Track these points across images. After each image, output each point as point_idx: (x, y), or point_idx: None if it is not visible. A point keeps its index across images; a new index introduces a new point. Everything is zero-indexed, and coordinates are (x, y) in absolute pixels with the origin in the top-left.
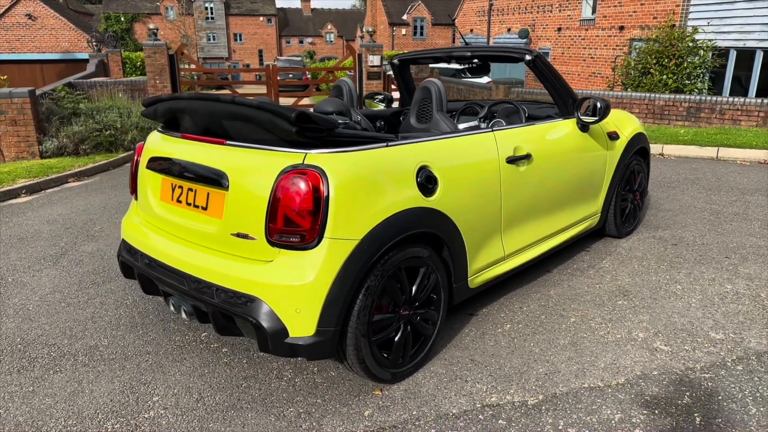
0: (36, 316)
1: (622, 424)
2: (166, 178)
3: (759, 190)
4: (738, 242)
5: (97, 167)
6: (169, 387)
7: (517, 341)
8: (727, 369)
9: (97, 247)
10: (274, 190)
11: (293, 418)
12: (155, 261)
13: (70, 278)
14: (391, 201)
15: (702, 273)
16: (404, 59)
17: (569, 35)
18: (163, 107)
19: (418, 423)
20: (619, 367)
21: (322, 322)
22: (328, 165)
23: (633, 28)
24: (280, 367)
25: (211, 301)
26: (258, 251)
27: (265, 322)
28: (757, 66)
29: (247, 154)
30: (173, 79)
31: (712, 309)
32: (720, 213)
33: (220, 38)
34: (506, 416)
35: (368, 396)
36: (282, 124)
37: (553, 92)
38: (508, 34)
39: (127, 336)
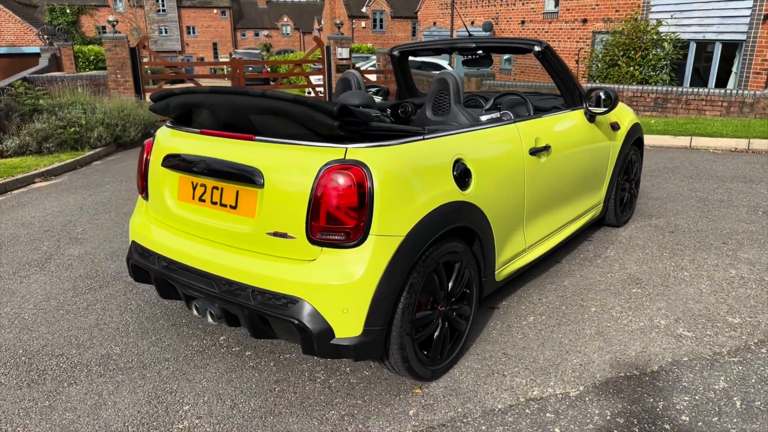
0: (34, 325)
1: (667, 411)
2: (186, 177)
3: (737, 177)
4: (731, 228)
5: (64, 166)
6: (197, 395)
7: (545, 333)
8: (753, 352)
9: (84, 250)
10: (315, 187)
11: (337, 421)
12: (176, 263)
13: (63, 284)
14: (432, 195)
15: (705, 259)
16: (404, 51)
17: (533, 28)
18: (176, 102)
19: (466, 420)
20: (649, 354)
21: (369, 321)
22: (371, 159)
23: (596, 21)
24: (310, 369)
25: (247, 303)
26: (297, 250)
27: (310, 324)
28: (716, 57)
29: (282, 149)
30: (135, 74)
31: (723, 294)
32: (706, 200)
33: (173, 31)
34: (552, 409)
35: (409, 395)
36: (322, 119)
37: (560, 83)
38: (471, 27)
39: (140, 343)
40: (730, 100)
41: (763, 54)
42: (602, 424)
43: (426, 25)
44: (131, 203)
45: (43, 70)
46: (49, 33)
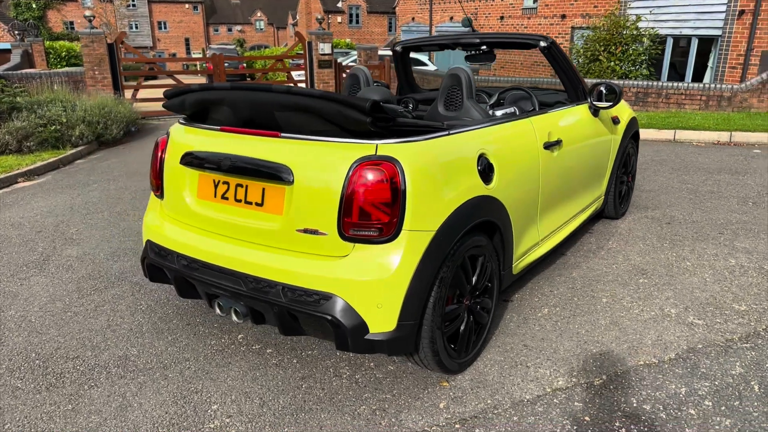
0: (43, 328)
1: (690, 397)
2: (206, 174)
3: (723, 169)
4: (724, 219)
5: (47, 165)
6: (224, 394)
7: (561, 324)
8: (763, 338)
9: (83, 250)
10: (347, 183)
11: (369, 416)
12: (198, 262)
13: (66, 285)
14: (460, 190)
15: (704, 249)
16: (407, 47)
17: (512, 23)
18: (193, 99)
19: (497, 411)
20: (665, 342)
21: (403, 316)
22: (402, 155)
23: (574, 17)
24: (334, 365)
25: (277, 300)
26: (329, 247)
27: (344, 319)
28: (693, 52)
29: (311, 146)
30: (113, 70)
31: (726, 283)
32: (697, 192)
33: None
34: (579, 398)
35: (437, 388)
36: (353, 115)
37: (565, 78)
38: (450, 22)
39: (157, 343)
40: (708, 94)
41: (738, 49)
42: (630, 411)
43: (404, 20)
44: (123, 203)
45: (15, 67)
46: (20, 29)
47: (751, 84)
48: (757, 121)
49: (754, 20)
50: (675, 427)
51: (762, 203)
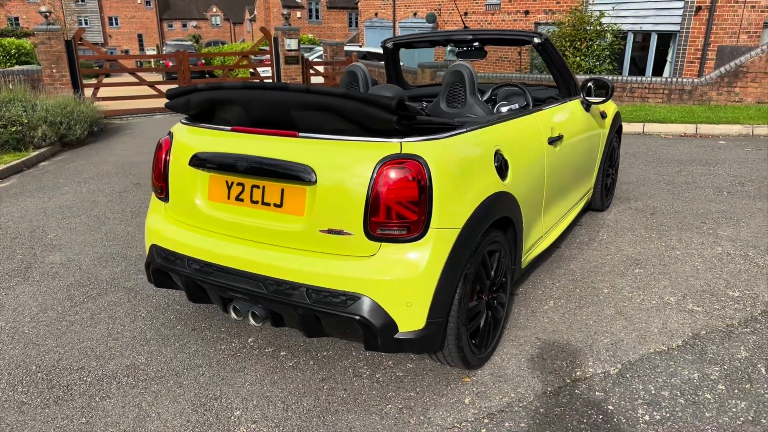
0: (39, 338)
1: (704, 382)
2: (219, 176)
3: (694, 160)
4: (704, 208)
5: (9, 168)
6: (245, 399)
7: (569, 316)
8: (761, 322)
9: (66, 256)
10: (374, 182)
11: (397, 415)
12: (213, 265)
13: (55, 294)
14: (481, 187)
15: (690, 238)
16: (398, 43)
17: (476, 19)
18: (200, 98)
19: (522, 404)
20: (670, 330)
21: (432, 314)
22: (426, 153)
23: (538, 13)
24: (352, 365)
25: (302, 302)
26: (354, 247)
27: (373, 319)
28: (653, 47)
29: (333, 145)
30: (72, 68)
31: (717, 270)
32: (673, 183)
33: (94, 22)
34: (599, 388)
35: (459, 384)
36: (378, 113)
37: (557, 74)
38: (414, 18)
39: (164, 351)
40: (671, 87)
41: (696, 44)
42: (649, 399)
43: (367, 16)
44: (100, 206)
45: None
46: None
47: (710, 78)
48: (719, 113)
49: (710, 16)
50: (695, 411)
51: (736, 192)
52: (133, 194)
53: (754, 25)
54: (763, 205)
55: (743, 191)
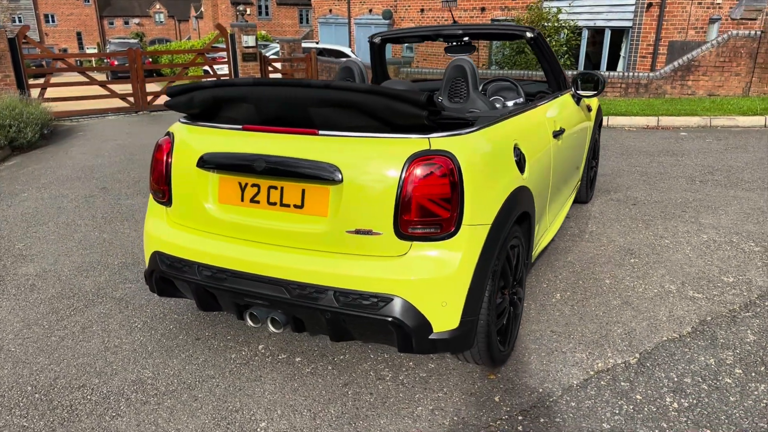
0: (28, 356)
1: (721, 367)
2: (230, 177)
3: (661, 152)
4: (681, 198)
5: None
6: (268, 409)
7: (578, 308)
8: (760, 306)
9: (41, 267)
10: (404, 180)
11: (429, 417)
12: (227, 271)
13: (37, 308)
14: (506, 181)
15: (675, 227)
16: (386, 38)
17: (432, 16)
18: (205, 96)
19: (553, 399)
20: (678, 317)
21: (466, 312)
22: (455, 148)
23: (494, 9)
24: (372, 367)
25: (330, 306)
26: (383, 247)
27: (407, 320)
28: (606, 43)
29: (358, 143)
30: (16, 67)
31: (708, 257)
32: (647, 174)
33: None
34: (624, 378)
35: (485, 382)
36: (407, 109)
37: (548, 68)
38: (369, 15)
39: (170, 362)
40: (627, 81)
41: (648, 39)
42: (674, 386)
43: (321, 12)
44: (67, 212)
45: None
46: None
47: (665, 72)
48: (677, 106)
49: (661, 12)
50: (720, 396)
51: (707, 182)
52: (101, 199)
53: (701, 21)
54: (736, 193)
55: (714, 180)
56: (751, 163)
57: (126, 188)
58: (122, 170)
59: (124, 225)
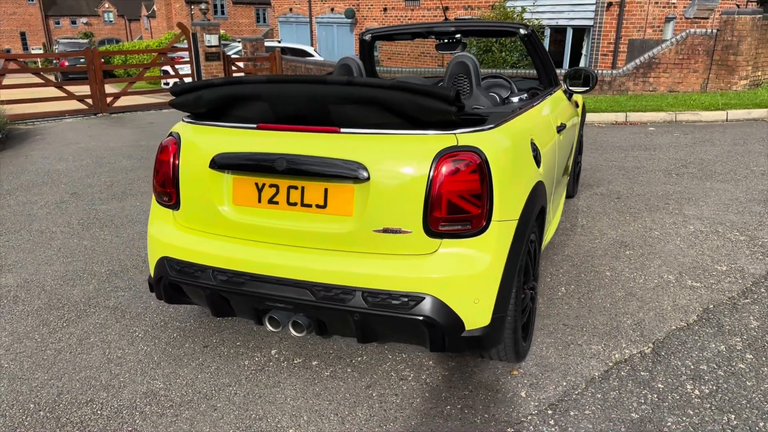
0: (25, 372)
1: (733, 353)
2: (246, 178)
3: (634, 146)
4: (661, 190)
5: None
6: (293, 416)
7: (585, 300)
8: (756, 292)
9: (21, 278)
10: (433, 177)
11: (460, 415)
12: (245, 275)
13: (25, 320)
14: (528, 176)
15: (662, 219)
16: (377, 35)
17: (395, 15)
18: (215, 94)
19: (578, 392)
20: (682, 307)
21: (497, 309)
22: (482, 144)
23: (458, 9)
24: (392, 368)
25: (359, 307)
26: (413, 245)
27: (440, 319)
28: (568, 41)
29: (384, 140)
30: None
31: (698, 247)
32: (624, 168)
33: None
34: (642, 367)
35: (508, 378)
36: (436, 105)
37: (540, 65)
38: (331, 13)
39: (181, 372)
40: None
41: (609, 38)
42: (691, 374)
43: (281, 11)
44: (38, 219)
45: None
46: None
47: (627, 69)
48: (643, 102)
49: (620, 11)
50: (737, 382)
51: (683, 174)
52: (74, 205)
53: (658, 20)
54: (712, 184)
55: (689, 173)
56: (720, 156)
57: (99, 193)
58: (91, 174)
59: (104, 231)
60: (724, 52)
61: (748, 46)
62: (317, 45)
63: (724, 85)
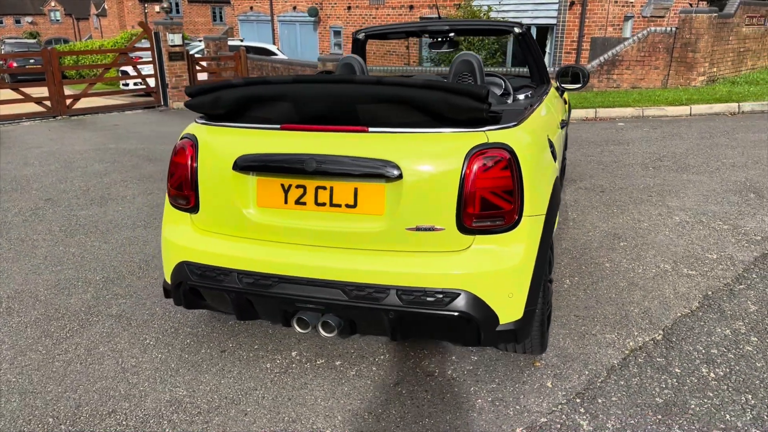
0: (36, 386)
1: (738, 336)
2: (270, 179)
3: (607, 141)
4: (642, 183)
5: None
6: (327, 417)
7: (591, 291)
8: (749, 278)
9: (11, 288)
10: (465, 174)
11: (492, 408)
12: (273, 277)
13: (24, 332)
14: (549, 171)
15: (648, 210)
16: (370, 34)
17: (360, 14)
18: (234, 95)
19: (601, 380)
20: (683, 294)
21: (529, 302)
22: (511, 141)
23: (422, 7)
24: (417, 365)
25: (394, 305)
26: (446, 242)
27: (476, 314)
28: None
29: (416, 139)
30: None
31: (687, 237)
32: (603, 162)
33: None
34: (657, 354)
35: (531, 369)
36: (467, 103)
37: (533, 63)
38: (293, 12)
39: (203, 378)
40: None
41: (572, 36)
42: (705, 358)
43: (241, 9)
44: (16, 227)
45: None
46: None
47: (592, 67)
48: (610, 98)
49: (583, 10)
50: (748, 362)
51: (659, 167)
52: (51, 211)
53: (618, 19)
54: (688, 177)
55: (665, 166)
56: (691, 149)
57: (75, 198)
58: (62, 179)
59: (90, 238)
60: (683, 49)
61: (705, 43)
62: (279, 44)
63: (683, 81)
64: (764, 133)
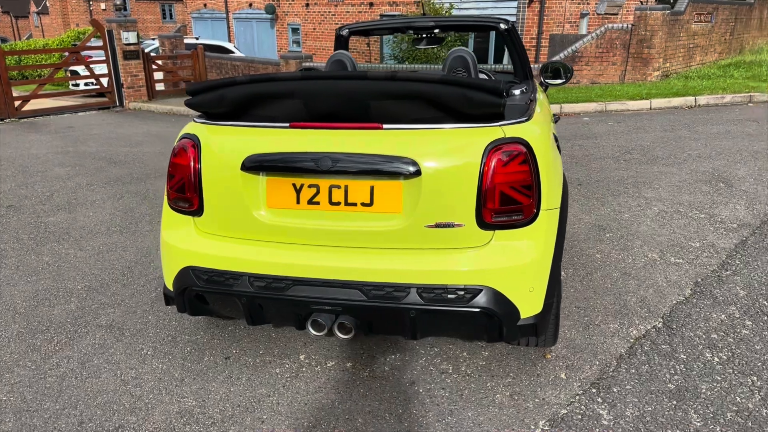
0: (30, 404)
1: (734, 321)
2: (281, 179)
3: (576, 135)
4: (617, 176)
5: None
6: (348, 420)
7: (587, 282)
8: (734, 265)
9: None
10: (484, 170)
11: (511, 403)
12: (287, 279)
13: (9, 346)
14: (559, 166)
15: (627, 202)
16: (354, 30)
17: (319, 11)
18: (239, 92)
19: (613, 369)
20: (675, 281)
21: (548, 295)
22: (527, 136)
23: (382, 4)
24: (429, 362)
25: (415, 304)
26: (466, 238)
27: (498, 309)
28: (492, 36)
29: (433, 135)
30: None
31: (668, 227)
32: (575, 156)
33: None
34: (661, 341)
35: (543, 361)
36: (485, 98)
37: (517, 59)
38: (249, 9)
39: (211, 387)
40: None
41: (531, 33)
42: (707, 343)
43: (195, 6)
44: None
45: None
46: None
47: None
48: (572, 94)
49: (542, 8)
50: (748, 344)
51: (630, 160)
52: (15, 218)
53: (574, 16)
54: (659, 168)
55: (635, 159)
56: (657, 141)
57: (40, 204)
58: (22, 185)
59: (62, 245)
60: (639, 45)
61: (659, 39)
62: (235, 41)
63: (639, 76)
64: (723, 125)
